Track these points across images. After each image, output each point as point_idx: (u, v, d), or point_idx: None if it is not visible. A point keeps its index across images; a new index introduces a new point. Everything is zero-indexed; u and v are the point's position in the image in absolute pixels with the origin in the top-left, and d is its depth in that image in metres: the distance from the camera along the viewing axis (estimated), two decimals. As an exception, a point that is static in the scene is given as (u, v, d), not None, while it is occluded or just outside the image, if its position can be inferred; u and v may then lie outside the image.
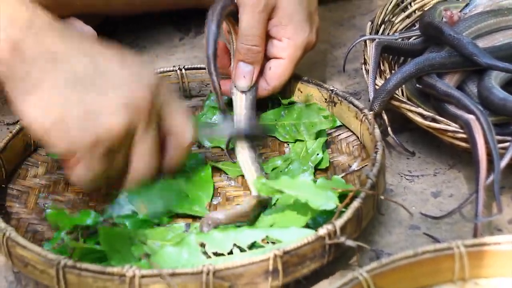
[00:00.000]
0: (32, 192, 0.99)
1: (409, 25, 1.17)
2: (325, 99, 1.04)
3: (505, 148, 0.90)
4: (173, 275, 0.77)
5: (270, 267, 0.79)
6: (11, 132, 1.01)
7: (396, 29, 1.15)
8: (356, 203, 0.84)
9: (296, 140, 1.02)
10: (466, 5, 1.12)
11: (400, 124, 1.05)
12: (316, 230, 0.82)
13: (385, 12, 1.14)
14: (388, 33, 1.13)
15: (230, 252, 0.84)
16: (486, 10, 1.09)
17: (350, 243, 0.82)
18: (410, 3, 1.18)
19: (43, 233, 0.93)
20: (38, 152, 1.05)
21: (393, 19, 1.16)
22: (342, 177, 0.94)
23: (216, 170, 1.01)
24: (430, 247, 0.78)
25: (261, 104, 1.07)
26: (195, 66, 1.11)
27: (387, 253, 0.88)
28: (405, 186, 0.97)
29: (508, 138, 0.91)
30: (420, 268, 0.78)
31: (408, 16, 1.18)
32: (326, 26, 1.31)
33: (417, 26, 1.14)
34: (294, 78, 1.06)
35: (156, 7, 1.29)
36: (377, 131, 0.94)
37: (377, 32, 1.12)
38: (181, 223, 0.92)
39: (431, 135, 0.99)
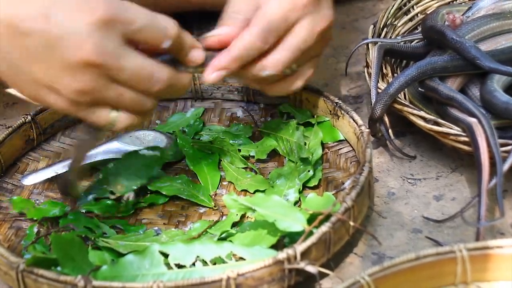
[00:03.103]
0: (27, 187, 1.00)
1: (411, 28, 1.17)
2: (330, 111, 1.03)
3: (508, 152, 0.90)
4: None
5: None
6: (10, 127, 1.02)
7: (399, 33, 1.15)
8: (324, 228, 0.83)
9: (288, 158, 1.01)
10: (469, 9, 1.11)
11: (402, 128, 1.05)
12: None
13: (388, 15, 1.14)
14: (391, 36, 1.13)
15: (193, 264, 0.83)
16: (488, 13, 1.09)
17: (311, 269, 0.79)
18: (412, 6, 1.18)
19: (27, 229, 0.93)
20: (41, 147, 1.06)
21: (396, 22, 1.15)
22: (333, 194, 0.92)
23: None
24: (432, 251, 0.78)
25: (272, 114, 1.09)
26: None
27: (389, 257, 0.88)
28: (407, 190, 0.97)
29: (511, 141, 0.91)
30: (422, 271, 0.78)
31: (410, 19, 1.17)
32: (328, 30, 1.31)
33: (420, 29, 1.13)
34: (303, 87, 1.05)
35: (160, 11, 1.29)
36: (368, 151, 0.92)
37: (379, 35, 1.12)
38: (154, 228, 0.93)
39: (434, 139, 0.98)
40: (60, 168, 0.99)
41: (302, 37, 0.90)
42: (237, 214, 0.92)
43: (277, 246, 0.85)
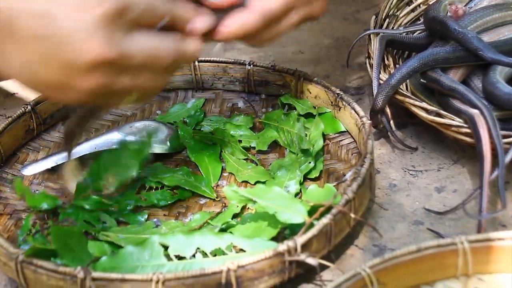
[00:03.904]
0: (27, 178, 1.00)
1: (413, 19, 1.17)
2: (331, 102, 1.03)
3: (510, 143, 0.89)
4: (123, 280, 0.77)
5: (223, 280, 0.78)
6: (10, 117, 1.01)
7: (401, 23, 1.15)
8: (325, 219, 0.82)
9: (289, 149, 1.01)
10: (471, -1, 1.11)
11: (404, 119, 1.04)
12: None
13: (390, 6, 1.14)
14: (393, 27, 1.13)
15: (193, 256, 0.83)
16: (491, 4, 1.08)
17: (311, 261, 0.79)
18: (414, -3, 1.18)
19: (24, 220, 0.93)
20: (41, 137, 1.06)
21: (398, 13, 1.15)
22: (334, 185, 0.92)
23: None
24: (434, 243, 0.78)
25: (274, 105, 1.08)
26: (208, 58, 1.11)
27: (390, 249, 0.88)
28: (409, 181, 0.97)
29: (513, 133, 0.91)
30: (423, 263, 0.78)
31: (412, 10, 1.17)
32: (330, 20, 1.30)
33: (422, 20, 1.13)
34: (304, 78, 1.05)
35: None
36: (370, 142, 0.92)
37: (381, 26, 1.11)
38: (153, 219, 0.93)
39: (435, 130, 0.98)
40: (60, 158, 0.99)
41: (293, 23, 0.91)
42: (237, 206, 0.92)
43: (277, 238, 0.85)
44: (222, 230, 0.88)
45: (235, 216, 0.92)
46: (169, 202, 0.95)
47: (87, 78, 0.75)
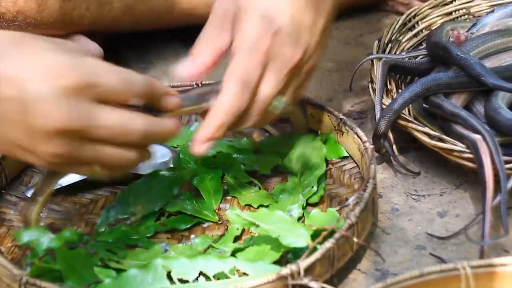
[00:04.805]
0: (30, 200, 0.99)
1: (416, 44, 1.17)
2: (334, 126, 1.03)
3: (512, 169, 0.90)
4: None
5: None
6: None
7: (403, 48, 1.15)
8: (328, 244, 0.82)
9: (292, 174, 1.01)
10: (473, 25, 1.12)
11: (407, 144, 1.05)
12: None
13: (392, 31, 1.14)
14: (395, 52, 1.13)
15: (196, 279, 0.83)
16: (493, 30, 1.09)
17: (314, 285, 0.79)
18: (417, 22, 1.19)
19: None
20: None
21: (400, 38, 1.16)
22: (337, 210, 0.92)
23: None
24: (436, 268, 0.77)
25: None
26: (210, 82, 1.11)
27: (392, 273, 0.88)
28: (411, 206, 0.97)
29: (515, 158, 0.91)
30: (425, 288, 0.78)
31: (415, 35, 1.18)
32: (333, 44, 1.31)
33: (424, 45, 1.14)
34: (307, 102, 1.05)
35: (165, 26, 1.29)
36: (372, 167, 0.92)
37: (384, 51, 1.12)
38: (161, 244, 0.92)
39: (438, 155, 0.98)
40: (64, 180, 0.99)
41: (274, 83, 0.89)
42: (237, 229, 0.92)
43: (280, 262, 0.85)
44: (232, 255, 0.87)
45: (236, 239, 0.92)
46: (189, 225, 0.95)
47: (48, 144, 0.76)
